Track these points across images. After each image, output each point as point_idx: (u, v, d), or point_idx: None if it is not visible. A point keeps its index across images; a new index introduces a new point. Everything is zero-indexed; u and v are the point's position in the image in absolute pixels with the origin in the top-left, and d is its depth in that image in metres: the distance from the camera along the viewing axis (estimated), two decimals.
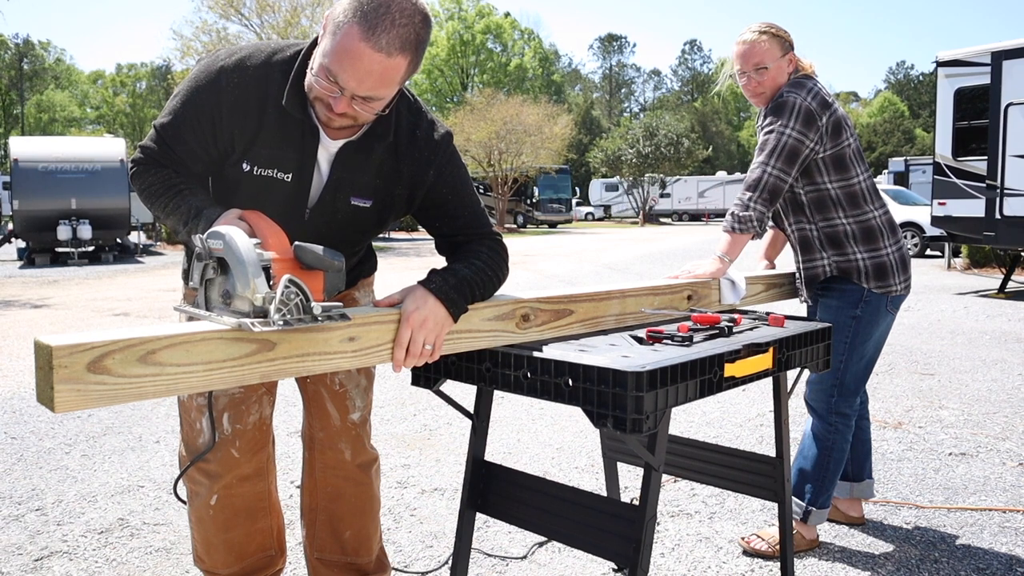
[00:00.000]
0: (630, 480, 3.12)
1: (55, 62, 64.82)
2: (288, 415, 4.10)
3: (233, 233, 1.30)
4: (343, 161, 1.60)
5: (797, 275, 2.57)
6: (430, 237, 1.83)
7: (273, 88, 1.53)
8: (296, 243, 1.37)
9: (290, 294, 1.27)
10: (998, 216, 9.41)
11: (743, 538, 2.63)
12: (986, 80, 9.60)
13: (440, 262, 1.72)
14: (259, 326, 1.23)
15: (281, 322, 1.25)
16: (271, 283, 1.29)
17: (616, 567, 2.43)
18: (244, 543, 1.98)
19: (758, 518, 2.87)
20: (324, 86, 1.42)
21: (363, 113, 1.46)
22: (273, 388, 1.96)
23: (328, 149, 1.60)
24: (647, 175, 41.57)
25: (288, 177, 1.59)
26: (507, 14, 61.12)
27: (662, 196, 44.03)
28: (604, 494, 2.58)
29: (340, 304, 1.35)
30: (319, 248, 1.36)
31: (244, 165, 1.58)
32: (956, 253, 13.54)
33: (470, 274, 1.58)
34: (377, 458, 2.07)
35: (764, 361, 1.74)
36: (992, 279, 11.39)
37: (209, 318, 1.31)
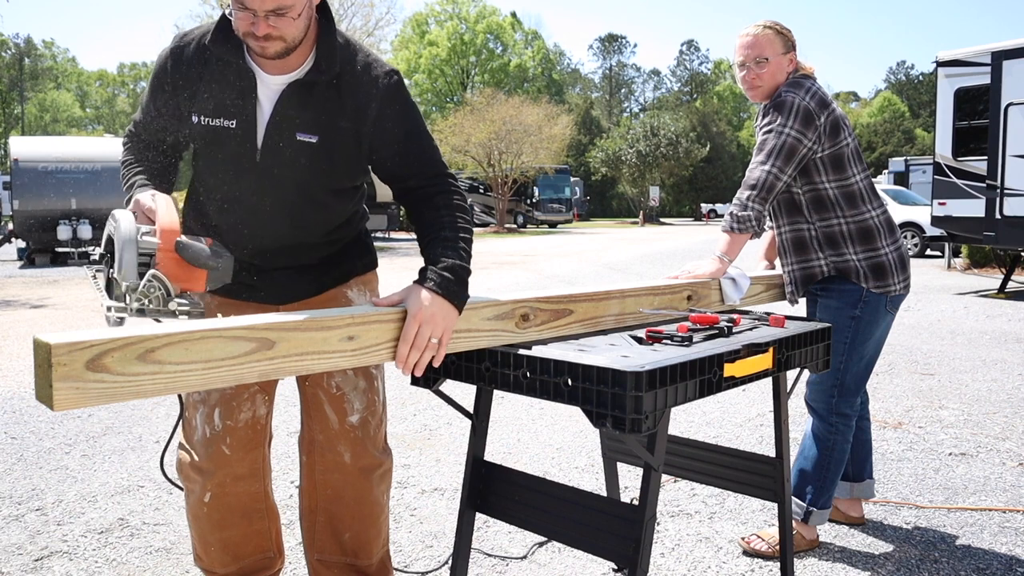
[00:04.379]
0: (630, 480, 3.12)
1: (57, 62, 64.83)
2: (289, 415, 4.10)
3: (121, 217, 1.41)
4: (286, 99, 1.66)
5: (786, 276, 2.57)
6: None
7: (210, 42, 1.67)
8: (179, 239, 1.43)
9: (151, 287, 1.39)
10: (998, 216, 9.41)
11: (743, 538, 2.62)
12: (986, 80, 9.60)
13: None
14: (114, 310, 1.36)
15: (135, 309, 1.37)
16: (154, 269, 1.40)
17: (616, 567, 2.42)
18: (241, 544, 1.97)
19: (758, 518, 2.87)
20: (239, 16, 1.53)
21: (283, 27, 1.54)
22: (268, 388, 1.95)
23: (271, 88, 1.67)
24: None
25: (233, 124, 1.67)
26: (512, 14, 61.07)
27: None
28: (604, 494, 2.58)
29: (200, 304, 1.44)
30: (203, 248, 1.44)
31: (193, 118, 1.69)
32: (956, 253, 13.54)
33: (452, 253, 1.59)
34: (382, 464, 2.00)
35: (764, 361, 1.74)
36: (992, 279, 11.39)
37: (100, 295, 1.45)
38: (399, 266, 14.47)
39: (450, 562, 1.92)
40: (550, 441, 3.84)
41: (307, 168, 1.71)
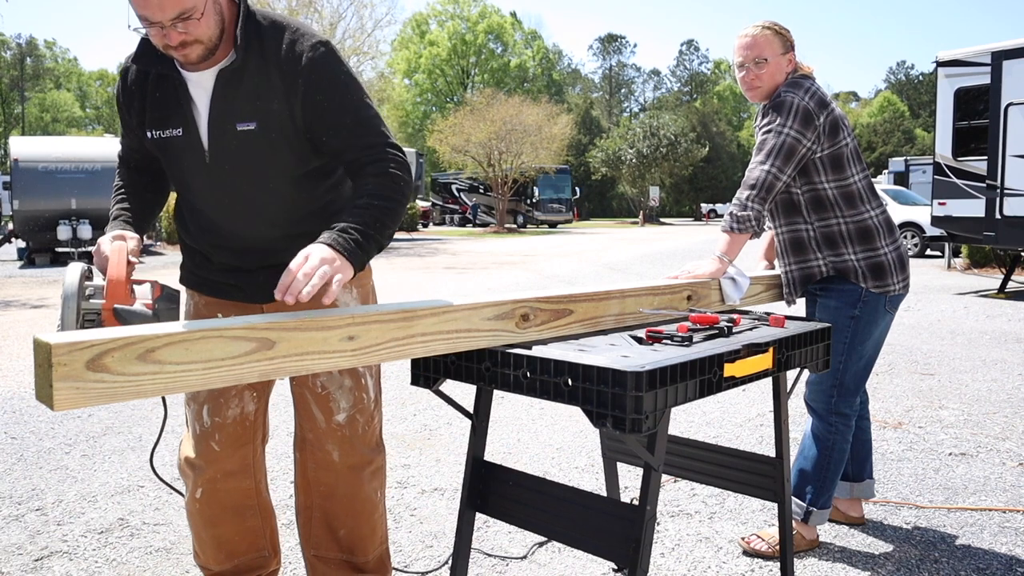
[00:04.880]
0: (630, 480, 3.12)
1: (58, 62, 64.81)
2: (289, 415, 4.10)
3: (69, 272, 1.51)
4: (218, 93, 1.67)
5: (785, 277, 2.57)
6: (430, 237, 1.83)
7: (135, 59, 1.72)
8: (116, 307, 1.51)
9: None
10: (998, 216, 9.41)
11: (743, 538, 2.63)
12: (986, 80, 9.60)
13: (439, 264, 1.72)
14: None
15: None
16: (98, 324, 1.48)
17: (616, 567, 2.42)
18: (234, 541, 1.98)
19: (758, 518, 2.87)
20: (150, 33, 1.56)
21: (193, 30, 1.55)
22: (258, 385, 1.95)
23: (204, 87, 1.68)
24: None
25: (179, 132, 1.71)
26: (512, 14, 61.05)
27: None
28: (604, 494, 2.58)
29: None
30: (143, 313, 1.52)
31: (148, 134, 1.74)
32: (956, 253, 13.53)
33: (354, 218, 1.57)
34: (373, 461, 2.00)
35: (764, 361, 1.74)
36: (992, 279, 11.39)
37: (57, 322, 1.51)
38: (399, 266, 14.46)
39: (450, 562, 1.93)
40: (550, 441, 3.84)
41: (253, 158, 1.70)
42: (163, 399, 1.78)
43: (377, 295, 2.04)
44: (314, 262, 1.45)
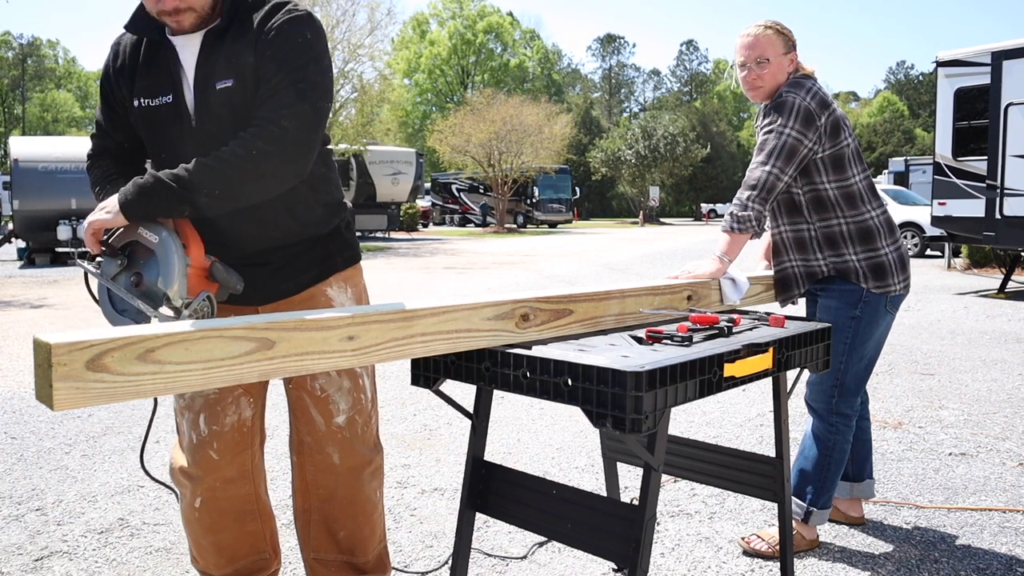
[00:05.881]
0: (630, 480, 3.12)
1: (59, 63, 64.80)
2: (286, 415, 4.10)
3: (170, 231, 1.52)
4: (203, 54, 1.68)
5: (790, 272, 2.56)
6: (430, 237, 1.83)
7: (127, 25, 1.74)
8: (215, 261, 1.58)
9: (204, 306, 1.52)
10: (998, 216, 9.41)
11: (743, 538, 2.62)
12: (986, 80, 9.60)
13: (439, 264, 1.72)
14: (170, 315, 1.47)
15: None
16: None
17: (616, 567, 2.42)
18: (234, 546, 1.96)
19: (758, 518, 2.87)
20: None
21: None
22: (253, 390, 1.93)
23: (192, 51, 1.69)
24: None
25: (169, 98, 1.71)
26: (509, 13, 61.06)
27: None
28: (604, 494, 2.58)
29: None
30: (231, 272, 1.59)
31: (135, 102, 1.73)
32: (956, 253, 13.53)
33: (173, 173, 1.55)
34: (372, 461, 1.99)
35: (764, 361, 1.74)
36: (992, 279, 11.39)
37: (124, 295, 1.52)
38: (399, 266, 14.46)
39: (450, 562, 1.92)
40: (550, 441, 3.84)
41: (234, 119, 1.65)
42: (155, 399, 1.78)
43: (370, 296, 2.04)
44: (95, 211, 1.57)
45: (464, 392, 2.98)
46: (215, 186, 1.55)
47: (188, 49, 1.69)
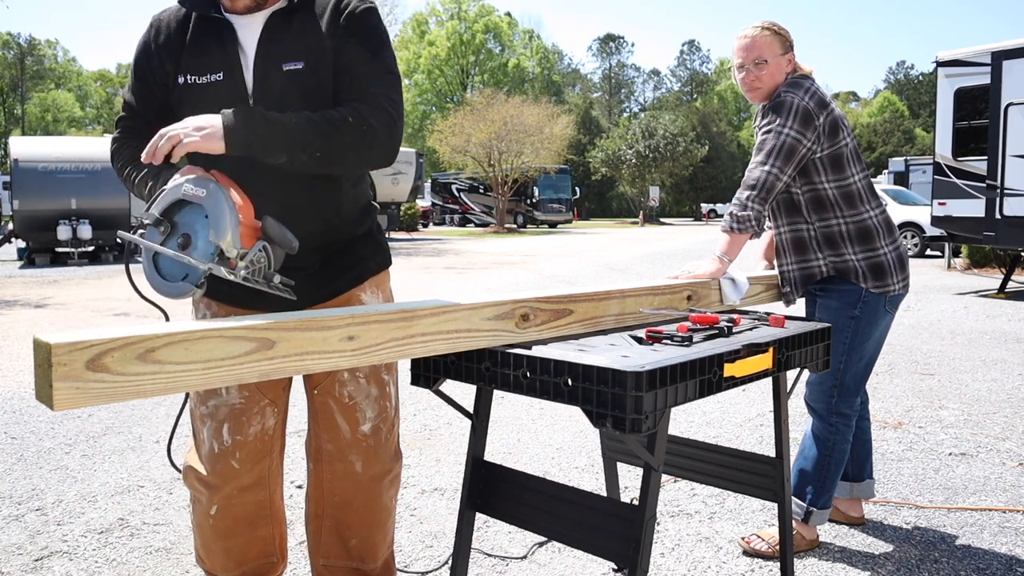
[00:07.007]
0: (630, 480, 3.12)
1: (58, 62, 64.81)
2: (290, 415, 4.10)
3: (217, 184, 1.44)
4: (266, 33, 1.67)
5: (787, 275, 2.57)
6: (430, 237, 1.81)
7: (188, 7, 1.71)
8: (266, 216, 1.48)
9: (260, 257, 1.43)
10: (998, 216, 9.41)
11: (743, 538, 2.63)
12: (986, 80, 9.60)
13: (439, 264, 1.71)
14: (224, 272, 1.38)
15: (243, 276, 1.40)
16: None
17: (616, 567, 2.42)
18: (244, 550, 1.94)
19: (758, 518, 2.87)
20: None
21: None
22: (278, 400, 1.89)
23: (251, 29, 1.67)
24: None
25: (220, 76, 1.67)
26: (508, 14, 61.07)
27: None
28: (604, 494, 2.58)
29: (292, 282, 1.48)
30: (285, 229, 1.48)
31: (180, 79, 1.69)
32: (956, 253, 13.54)
33: (281, 116, 1.51)
34: (392, 469, 1.96)
35: (764, 361, 1.74)
36: (992, 279, 11.39)
37: (175, 256, 1.41)
38: (399, 266, 14.47)
39: (450, 562, 1.92)
40: (550, 441, 3.84)
41: (301, 100, 1.63)
42: (186, 395, 1.76)
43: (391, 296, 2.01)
44: (181, 124, 1.47)
45: (464, 392, 2.98)
46: (322, 145, 1.54)
47: (248, 28, 1.67)
